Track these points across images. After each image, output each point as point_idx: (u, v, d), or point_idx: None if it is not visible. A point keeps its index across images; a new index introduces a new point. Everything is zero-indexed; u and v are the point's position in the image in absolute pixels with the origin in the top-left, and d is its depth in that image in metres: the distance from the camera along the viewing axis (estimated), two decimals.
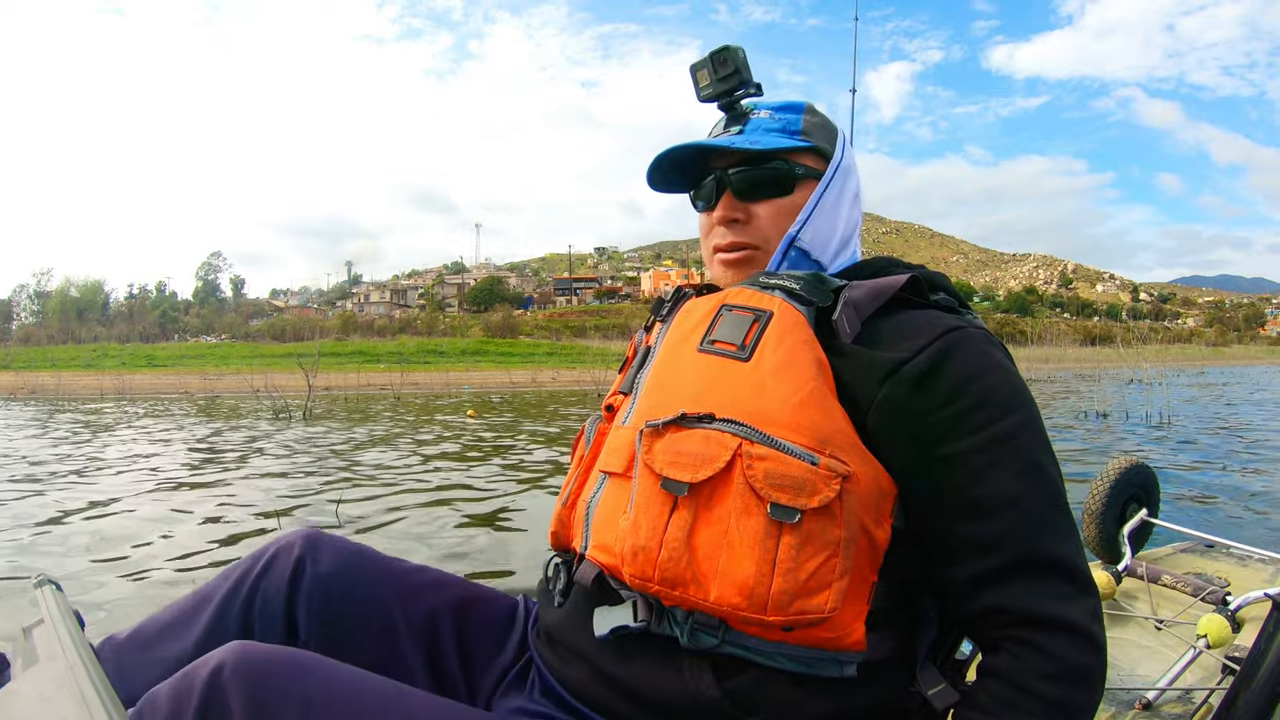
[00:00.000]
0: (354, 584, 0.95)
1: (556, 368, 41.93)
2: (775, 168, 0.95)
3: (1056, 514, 0.77)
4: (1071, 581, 0.74)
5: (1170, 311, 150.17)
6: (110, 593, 3.23)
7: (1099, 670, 0.73)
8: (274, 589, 0.93)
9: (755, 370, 0.81)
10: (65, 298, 79.22)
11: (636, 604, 0.81)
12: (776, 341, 0.82)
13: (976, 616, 0.77)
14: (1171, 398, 15.17)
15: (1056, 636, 0.72)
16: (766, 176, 0.95)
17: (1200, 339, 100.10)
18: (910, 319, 0.83)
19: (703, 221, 1.02)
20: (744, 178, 0.95)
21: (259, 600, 0.92)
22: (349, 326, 74.90)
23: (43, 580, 0.92)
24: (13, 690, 0.78)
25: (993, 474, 0.76)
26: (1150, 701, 1.38)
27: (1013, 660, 0.73)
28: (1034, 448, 0.78)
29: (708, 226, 1.00)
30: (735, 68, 0.94)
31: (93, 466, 7.52)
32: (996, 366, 0.80)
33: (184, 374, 38.79)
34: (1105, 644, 0.74)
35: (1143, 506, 2.15)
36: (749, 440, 0.76)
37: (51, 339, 65.72)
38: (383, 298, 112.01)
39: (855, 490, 0.75)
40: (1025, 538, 0.75)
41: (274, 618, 0.92)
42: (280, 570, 0.94)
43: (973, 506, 0.76)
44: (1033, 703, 0.71)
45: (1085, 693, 0.72)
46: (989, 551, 0.75)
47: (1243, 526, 4.73)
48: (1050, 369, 36.01)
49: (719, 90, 0.96)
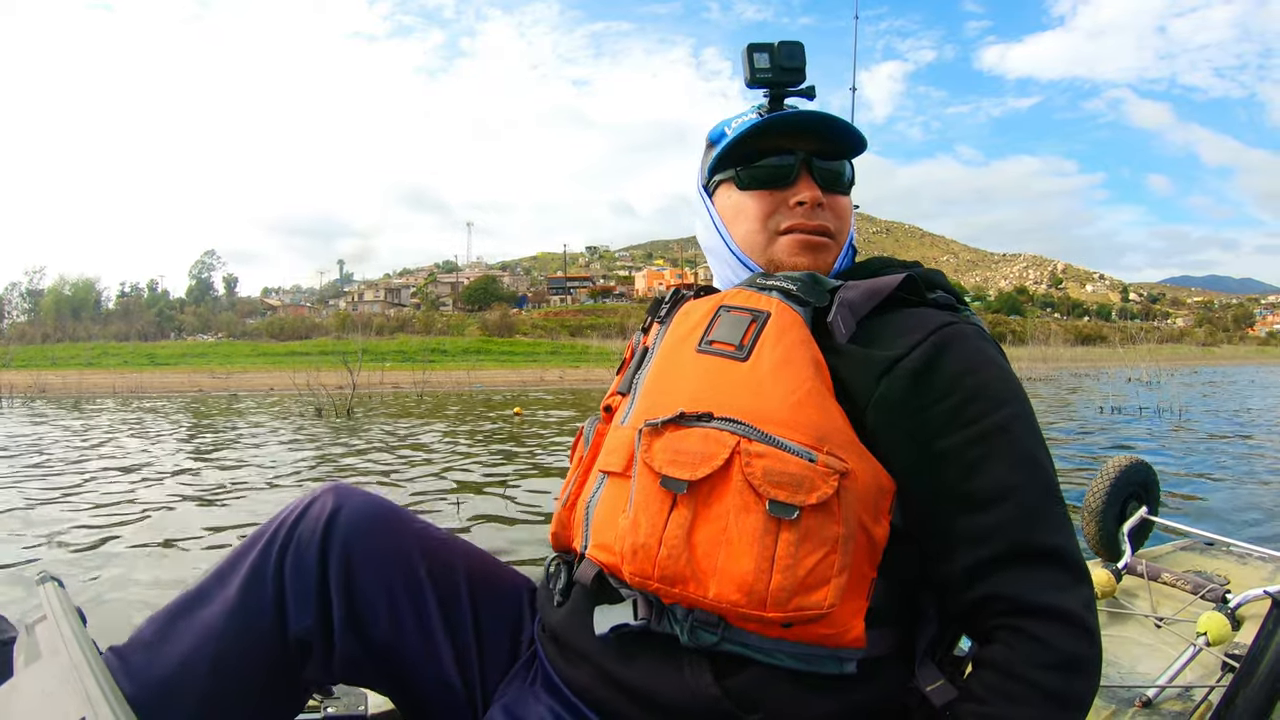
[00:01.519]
0: (382, 535, 0.97)
1: (561, 367, 42.02)
2: (848, 166, 0.99)
3: (1051, 504, 0.77)
4: (1066, 571, 0.75)
5: (1160, 312, 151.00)
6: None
7: (1094, 660, 0.73)
8: (308, 534, 0.94)
9: (753, 370, 0.82)
10: (59, 296, 78.99)
11: (636, 602, 0.82)
12: (774, 341, 0.83)
13: (971, 607, 0.77)
14: (1179, 395, 15.63)
15: (1051, 625, 0.72)
16: (848, 172, 0.99)
17: (1191, 339, 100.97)
18: (905, 317, 0.85)
19: (757, 201, 0.97)
20: (832, 167, 0.97)
21: (294, 546, 0.94)
22: (347, 325, 74.88)
23: (45, 577, 0.94)
24: (16, 686, 0.80)
25: (987, 466, 0.76)
26: (1150, 699, 1.39)
27: (1008, 650, 0.74)
28: (1027, 439, 0.79)
29: (771, 206, 0.97)
30: (801, 64, 0.95)
31: (204, 464, 7.65)
32: (989, 361, 0.82)
33: (191, 372, 38.77)
34: (1100, 633, 0.74)
35: (1143, 504, 2.17)
36: (747, 438, 0.77)
37: (46, 337, 65.47)
38: (377, 296, 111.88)
39: (853, 487, 0.76)
40: (1020, 528, 0.75)
41: (308, 565, 0.93)
42: (314, 517, 0.95)
43: (968, 499, 0.77)
44: (1028, 692, 0.71)
45: (1081, 682, 0.72)
46: (983, 542, 0.76)
47: (1258, 524, 4.83)
48: (1048, 368, 36.41)
49: (779, 79, 0.95)
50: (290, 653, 0.93)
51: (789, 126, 0.96)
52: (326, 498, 0.97)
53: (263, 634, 0.91)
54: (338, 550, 0.94)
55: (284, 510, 0.98)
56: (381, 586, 0.95)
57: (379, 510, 0.99)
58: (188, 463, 7.86)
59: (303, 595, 0.93)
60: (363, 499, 0.99)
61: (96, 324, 75.19)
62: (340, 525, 0.95)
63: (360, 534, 0.95)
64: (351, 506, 0.97)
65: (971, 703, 0.74)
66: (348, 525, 0.95)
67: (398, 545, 0.98)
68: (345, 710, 1.18)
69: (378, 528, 0.97)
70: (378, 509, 0.99)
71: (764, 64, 0.95)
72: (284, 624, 0.92)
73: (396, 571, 0.96)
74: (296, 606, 0.92)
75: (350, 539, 0.95)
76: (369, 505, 0.98)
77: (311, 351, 47.37)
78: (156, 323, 79.00)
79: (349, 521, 0.95)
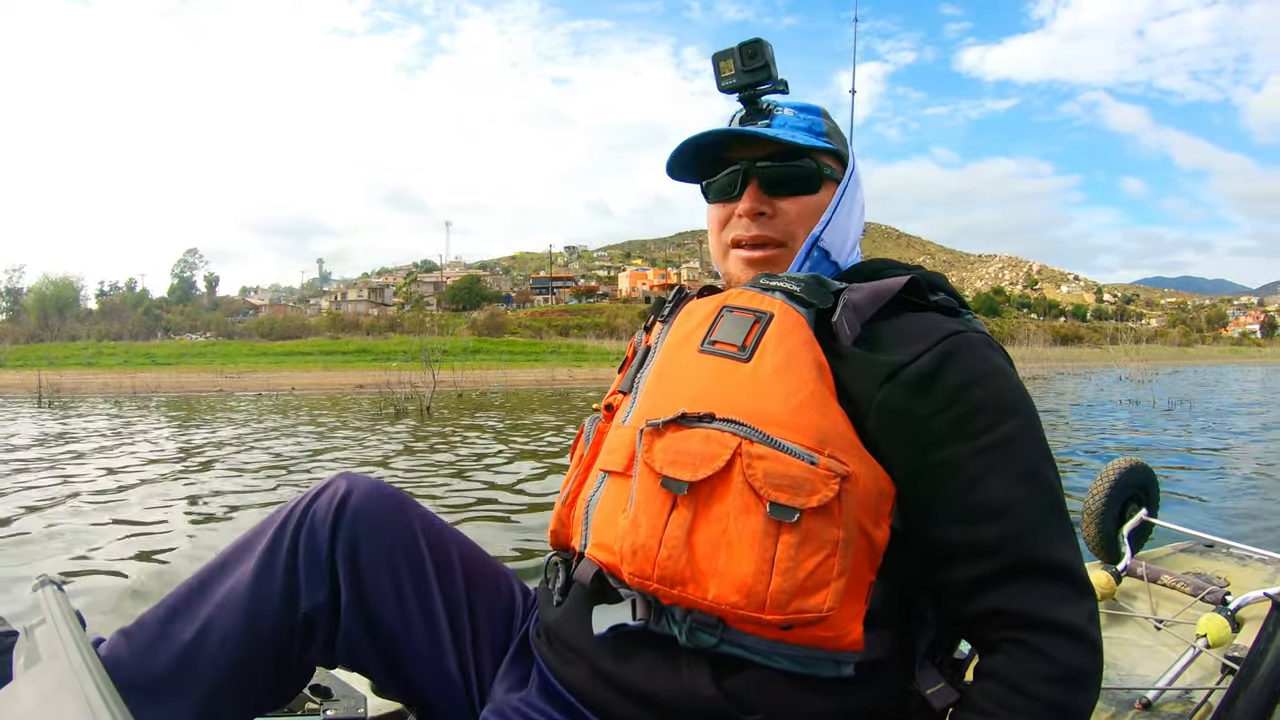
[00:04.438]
0: (388, 518, 1.00)
1: (561, 366, 42.26)
2: (805, 165, 0.96)
3: (1055, 518, 0.77)
4: (1070, 585, 0.75)
5: (1134, 313, 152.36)
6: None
7: (1096, 673, 0.74)
8: (321, 516, 0.97)
9: (755, 371, 0.82)
10: (44, 295, 78.05)
11: (635, 602, 0.81)
12: (777, 343, 0.83)
13: (974, 618, 0.77)
14: (1179, 392, 16.55)
15: (1054, 639, 0.73)
16: (798, 172, 0.96)
17: (1166, 339, 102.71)
18: (910, 322, 0.84)
19: (716, 214, 1.00)
20: (776, 171, 0.96)
21: (307, 527, 0.97)
22: (338, 325, 74.72)
23: (44, 581, 0.93)
24: (15, 690, 0.79)
25: (991, 479, 0.76)
26: (1150, 701, 1.38)
27: (1010, 662, 0.74)
28: (1033, 452, 0.78)
29: (723, 219, 0.99)
30: (765, 61, 0.94)
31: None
32: (996, 371, 0.81)
33: (199, 372, 38.80)
34: (1102, 647, 0.75)
35: (1142, 506, 2.16)
36: (749, 440, 0.77)
37: (31, 338, 64.71)
38: (360, 296, 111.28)
39: (854, 490, 0.76)
40: (1024, 542, 0.75)
41: (319, 545, 0.96)
42: (327, 500, 0.99)
43: (971, 511, 0.76)
44: (1030, 704, 0.72)
45: (1082, 695, 0.73)
46: (987, 555, 0.75)
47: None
48: (1036, 367, 37.33)
49: (744, 82, 0.95)
50: (298, 630, 0.96)
51: (697, 150, 0.99)
52: (339, 483, 1.01)
53: (275, 609, 0.94)
54: (347, 532, 0.97)
55: (298, 496, 1.02)
56: (387, 566, 0.98)
57: (386, 495, 1.02)
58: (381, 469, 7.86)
59: (315, 573, 0.96)
60: (371, 485, 1.02)
61: (82, 323, 74.40)
62: (350, 509, 0.98)
63: (368, 517, 0.99)
64: (361, 492, 1.00)
65: (973, 712, 0.75)
66: (357, 509, 0.98)
67: (403, 529, 1.01)
68: (345, 711, 1.17)
69: (385, 512, 1.01)
70: (385, 494, 1.02)
71: (729, 70, 0.95)
72: (295, 600, 0.95)
73: (401, 553, 1.00)
74: (309, 584, 0.96)
75: (359, 521, 0.98)
76: (377, 491, 1.02)
77: (296, 352, 47.31)
78: (144, 322, 78.29)
79: (358, 505, 0.99)
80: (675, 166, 1.02)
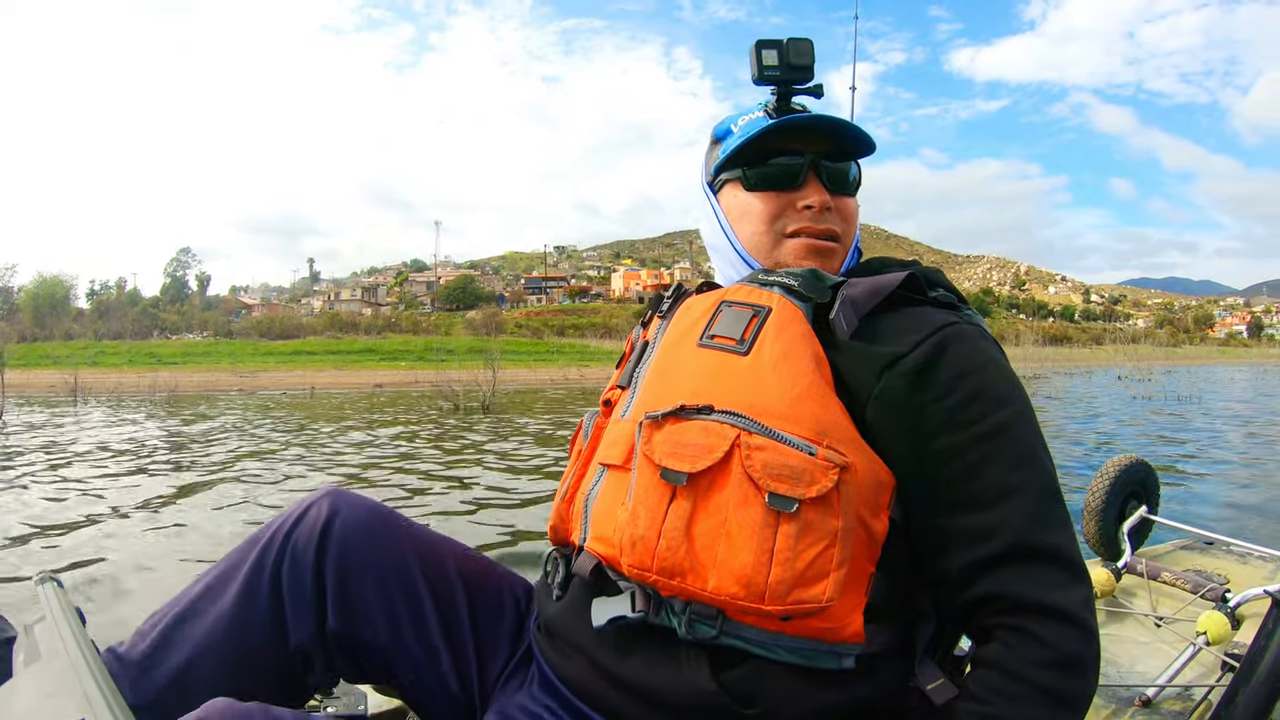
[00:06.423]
0: (378, 540, 0.97)
1: (571, 365, 42.45)
2: (854, 167, 0.98)
3: (1050, 504, 0.77)
4: (1065, 570, 0.75)
5: (1121, 313, 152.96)
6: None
7: (1093, 659, 0.73)
8: (304, 542, 0.94)
9: (754, 364, 0.82)
10: (37, 294, 77.68)
11: (634, 594, 0.81)
12: (775, 336, 0.83)
13: (970, 605, 0.77)
14: (1186, 389, 16.91)
15: (1049, 623, 0.72)
16: (856, 174, 0.98)
17: (1154, 340, 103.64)
18: (907, 315, 0.84)
19: (763, 203, 0.96)
20: (840, 169, 0.96)
21: (290, 555, 0.94)
22: (336, 325, 74.66)
23: (44, 577, 0.92)
24: (15, 687, 0.80)
25: (987, 466, 0.77)
26: (1150, 698, 1.38)
27: (1006, 648, 0.73)
28: (1027, 439, 0.79)
29: (776, 209, 0.96)
30: (811, 60, 0.93)
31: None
32: (990, 361, 0.81)
33: (210, 371, 38.87)
34: (1098, 633, 0.74)
35: (1142, 503, 2.17)
36: (747, 431, 0.77)
37: (25, 337, 64.40)
38: (353, 295, 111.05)
39: (853, 481, 0.76)
40: (1019, 527, 0.75)
41: (304, 575, 0.93)
42: (310, 523, 0.95)
43: (968, 498, 0.77)
44: (1027, 690, 0.71)
45: (1080, 681, 0.72)
46: (983, 541, 0.76)
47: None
48: (1034, 366, 37.83)
49: (786, 76, 0.94)
50: (292, 662, 0.94)
51: (800, 128, 0.96)
52: (322, 503, 0.97)
53: (262, 648, 0.92)
54: (334, 558, 0.94)
55: (279, 517, 0.98)
56: (378, 594, 0.95)
57: (374, 515, 0.99)
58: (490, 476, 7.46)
59: (300, 607, 0.93)
60: (358, 503, 0.99)
61: (77, 322, 74.18)
62: (336, 532, 0.95)
63: (356, 540, 0.96)
64: (347, 512, 0.97)
65: (970, 701, 0.74)
66: (343, 533, 0.95)
67: (393, 550, 0.98)
68: (345, 710, 1.17)
69: (373, 533, 0.97)
70: (373, 514, 0.99)
71: (772, 61, 0.93)
72: (284, 637, 0.93)
73: (393, 577, 0.97)
74: (295, 619, 0.93)
75: (346, 546, 0.95)
76: (364, 510, 0.98)
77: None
78: (141, 321, 78.04)
79: (344, 529, 0.96)
80: (740, 143, 0.97)
